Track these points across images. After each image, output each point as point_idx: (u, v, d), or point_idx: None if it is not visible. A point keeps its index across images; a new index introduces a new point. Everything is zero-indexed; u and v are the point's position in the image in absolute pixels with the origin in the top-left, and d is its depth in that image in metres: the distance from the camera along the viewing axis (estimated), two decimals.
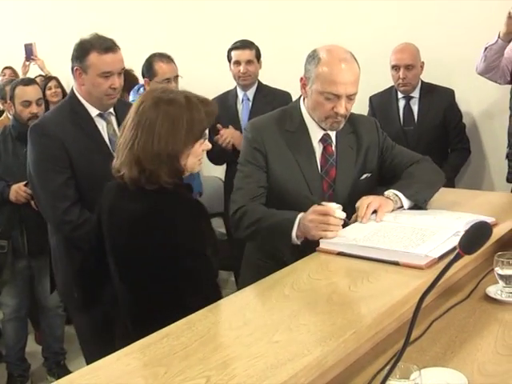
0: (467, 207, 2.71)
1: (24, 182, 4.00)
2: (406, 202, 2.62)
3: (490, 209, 2.67)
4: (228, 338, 1.68)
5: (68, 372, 4.25)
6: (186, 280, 2.13)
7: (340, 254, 2.25)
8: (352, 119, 2.76)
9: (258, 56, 4.69)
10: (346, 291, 1.94)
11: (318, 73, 2.55)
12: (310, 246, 2.38)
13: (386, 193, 2.63)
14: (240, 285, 2.79)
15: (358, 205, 2.51)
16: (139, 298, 2.25)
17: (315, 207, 2.43)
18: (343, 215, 2.40)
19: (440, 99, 4.47)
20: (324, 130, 2.68)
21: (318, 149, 2.71)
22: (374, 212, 2.50)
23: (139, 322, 2.22)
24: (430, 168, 2.83)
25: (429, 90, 4.49)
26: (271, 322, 1.74)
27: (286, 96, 4.56)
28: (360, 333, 1.71)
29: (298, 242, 2.45)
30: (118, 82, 2.92)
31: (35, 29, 6.97)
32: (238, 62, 4.63)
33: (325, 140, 2.71)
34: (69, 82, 6.24)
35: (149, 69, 4.27)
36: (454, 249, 1.71)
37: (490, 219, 2.45)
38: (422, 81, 4.52)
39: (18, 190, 4.02)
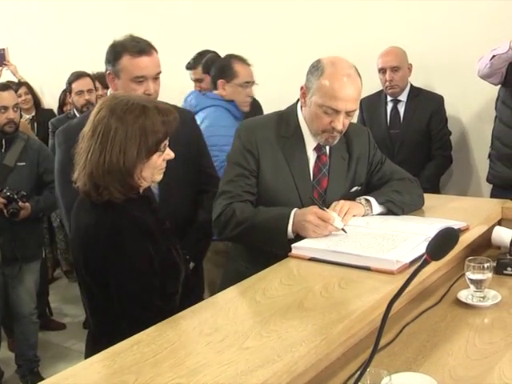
0: (440, 212, 2.73)
1: None
2: (377, 208, 2.63)
3: (463, 214, 2.69)
4: (199, 344, 1.67)
5: (42, 379, 4.19)
6: (123, 298, 2.06)
7: (312, 259, 2.25)
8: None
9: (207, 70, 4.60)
10: (317, 297, 1.94)
11: (320, 85, 2.49)
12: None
13: (358, 198, 2.64)
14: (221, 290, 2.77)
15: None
16: (93, 305, 2.21)
17: (316, 210, 2.42)
18: (341, 226, 2.41)
19: (426, 104, 4.49)
20: None
21: (312, 157, 2.66)
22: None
23: (93, 333, 2.20)
24: (412, 188, 2.80)
25: (416, 94, 4.52)
26: (242, 328, 1.74)
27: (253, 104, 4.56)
28: (331, 338, 1.71)
29: (293, 236, 2.44)
30: (152, 87, 2.69)
31: (7, 34, 6.95)
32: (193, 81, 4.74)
33: (319, 149, 2.66)
34: (42, 87, 6.23)
35: (226, 70, 4.02)
36: (424, 254, 1.72)
37: (461, 224, 2.48)
38: (411, 85, 4.56)
39: None
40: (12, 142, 4.21)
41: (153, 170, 2.15)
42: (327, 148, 2.68)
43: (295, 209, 2.48)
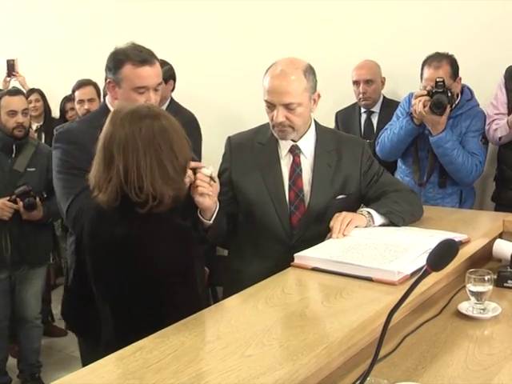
0: (442, 224, 2.74)
1: (7, 198, 4.03)
2: (378, 219, 2.65)
3: (464, 226, 2.71)
4: (201, 351, 1.69)
5: None
6: (168, 307, 2.06)
7: (314, 269, 2.26)
8: (339, 138, 2.83)
9: (166, 78, 4.50)
10: (319, 306, 1.96)
11: (263, 83, 2.65)
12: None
13: (359, 210, 2.66)
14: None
15: (331, 224, 2.54)
16: (121, 321, 2.18)
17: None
18: (209, 172, 2.47)
19: None
20: (292, 140, 2.73)
21: (289, 159, 2.75)
22: None
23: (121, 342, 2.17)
24: (411, 198, 2.82)
25: (389, 105, 4.56)
26: (244, 336, 1.75)
27: (188, 115, 4.51)
28: (331, 348, 1.72)
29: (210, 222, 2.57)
30: (153, 98, 2.67)
31: (16, 44, 6.98)
32: None
33: (293, 150, 2.75)
34: (56, 97, 6.21)
35: None
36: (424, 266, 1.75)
37: (462, 237, 2.49)
38: (384, 96, 4.65)
39: (2, 207, 4.05)
40: (22, 147, 4.26)
41: None
42: (307, 150, 2.76)
43: None
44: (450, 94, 3.73)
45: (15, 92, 4.38)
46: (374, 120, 4.62)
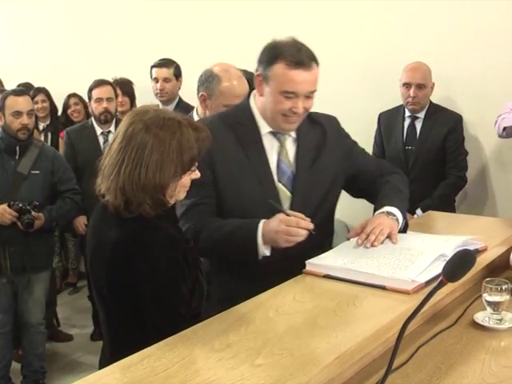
0: (459, 231, 2.69)
1: (7, 204, 3.99)
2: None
3: (481, 234, 2.65)
4: (210, 360, 1.66)
5: None
6: (155, 310, 2.01)
7: (326, 276, 2.23)
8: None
9: (178, 74, 5.01)
10: (331, 315, 1.93)
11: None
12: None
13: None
14: None
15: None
16: (112, 323, 2.15)
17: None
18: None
19: (444, 122, 4.44)
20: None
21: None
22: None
23: (114, 348, 2.11)
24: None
25: (435, 111, 4.48)
26: (254, 344, 1.73)
27: None
28: (344, 358, 1.69)
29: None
30: (301, 106, 2.42)
31: (21, 42, 7.02)
32: (156, 79, 5.00)
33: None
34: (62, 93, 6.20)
35: None
36: (440, 275, 1.70)
37: (478, 244, 2.46)
38: (430, 102, 4.53)
39: (2, 212, 4.00)
40: (26, 148, 4.19)
41: (180, 189, 2.11)
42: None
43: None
44: None
45: (21, 92, 4.30)
46: (418, 126, 4.52)
